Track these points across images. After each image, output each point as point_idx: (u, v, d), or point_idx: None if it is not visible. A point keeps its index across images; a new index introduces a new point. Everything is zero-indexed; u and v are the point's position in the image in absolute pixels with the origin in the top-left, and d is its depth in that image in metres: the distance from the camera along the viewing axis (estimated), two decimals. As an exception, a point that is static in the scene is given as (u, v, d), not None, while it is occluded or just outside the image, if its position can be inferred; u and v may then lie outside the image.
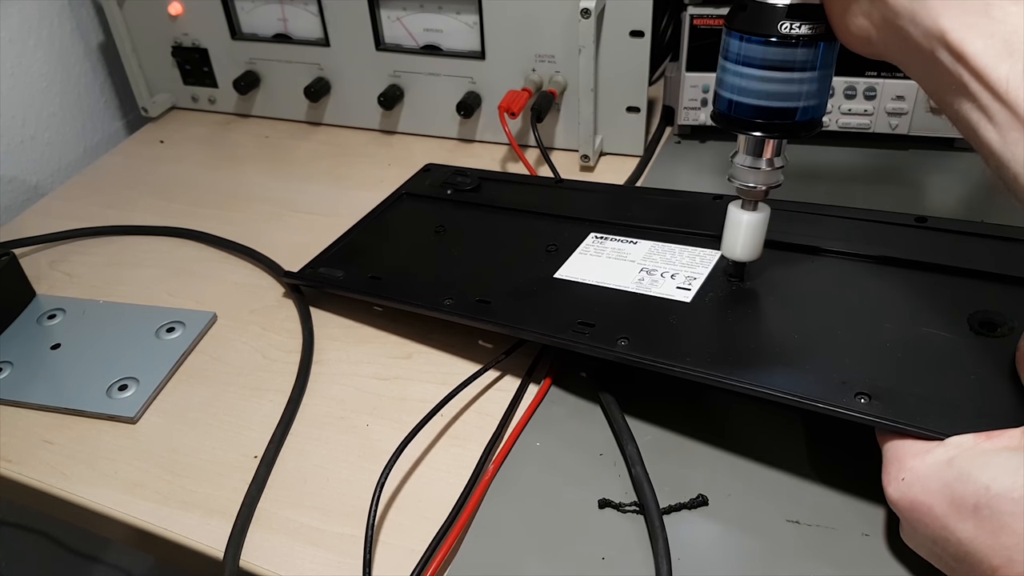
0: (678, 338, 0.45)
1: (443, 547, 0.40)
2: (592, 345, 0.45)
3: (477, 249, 0.57)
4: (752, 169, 0.43)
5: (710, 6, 0.65)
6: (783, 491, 0.42)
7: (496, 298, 0.50)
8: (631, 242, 0.54)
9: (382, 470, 0.42)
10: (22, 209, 0.74)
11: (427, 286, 0.54)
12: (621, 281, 0.50)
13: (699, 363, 0.42)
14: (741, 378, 0.41)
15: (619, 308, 0.48)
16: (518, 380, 0.50)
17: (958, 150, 0.68)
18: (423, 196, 0.65)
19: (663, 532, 0.39)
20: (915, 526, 0.34)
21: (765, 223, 0.45)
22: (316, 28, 0.75)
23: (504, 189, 0.64)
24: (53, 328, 0.57)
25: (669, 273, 0.50)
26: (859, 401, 0.38)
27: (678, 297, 0.48)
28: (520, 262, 0.54)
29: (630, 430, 0.45)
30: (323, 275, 0.57)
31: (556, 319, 0.48)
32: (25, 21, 0.77)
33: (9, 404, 0.51)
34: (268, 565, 0.41)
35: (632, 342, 0.44)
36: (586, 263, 0.53)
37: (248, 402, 0.50)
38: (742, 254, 0.46)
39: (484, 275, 0.54)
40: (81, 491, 0.46)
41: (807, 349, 0.43)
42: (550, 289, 0.51)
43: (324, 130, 0.80)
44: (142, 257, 0.64)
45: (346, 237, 0.61)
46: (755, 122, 0.41)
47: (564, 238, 0.55)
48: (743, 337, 0.45)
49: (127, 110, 0.89)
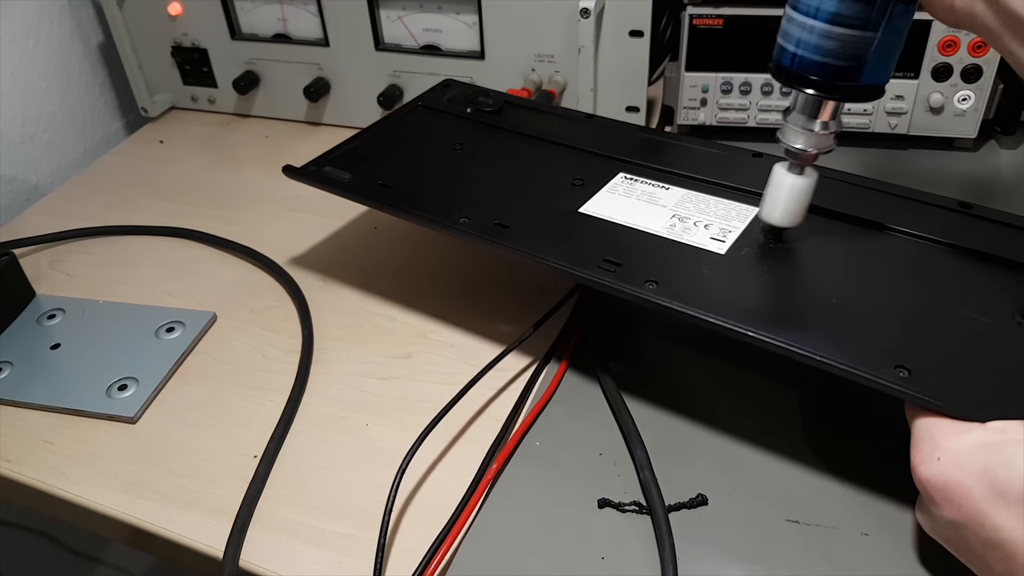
0: (711, 289, 0.43)
1: (443, 547, 0.40)
2: (619, 284, 0.43)
3: (496, 172, 0.54)
4: (804, 131, 0.41)
5: (710, 6, 0.65)
6: (783, 491, 0.42)
7: (516, 224, 0.48)
8: (663, 187, 0.51)
9: (398, 467, 0.42)
10: (22, 209, 0.74)
11: (441, 202, 0.50)
12: (651, 225, 0.48)
13: (733, 316, 0.40)
14: (777, 336, 0.39)
15: (648, 251, 0.46)
16: (522, 382, 0.50)
17: (958, 150, 0.68)
18: (440, 111, 0.62)
19: (670, 537, 0.39)
20: (943, 508, 0.33)
21: (811, 190, 0.43)
22: (316, 28, 0.75)
23: (528, 116, 0.61)
24: (53, 328, 0.57)
25: (703, 223, 0.48)
26: (898, 374, 0.37)
27: (712, 248, 0.46)
28: (542, 192, 0.51)
29: (639, 433, 0.45)
30: (328, 175, 0.54)
31: (580, 254, 0.45)
32: (25, 21, 0.77)
33: (9, 404, 0.51)
34: (268, 565, 0.41)
35: (661, 287, 0.42)
36: (614, 202, 0.50)
37: (248, 402, 0.50)
38: (780, 218, 0.44)
39: (503, 200, 0.51)
40: (81, 491, 0.46)
41: (846, 317, 0.41)
42: (574, 223, 0.48)
43: (324, 130, 0.80)
44: (142, 257, 0.64)
45: (354, 141, 0.58)
46: (816, 80, 0.38)
47: (591, 174, 0.53)
48: (780, 296, 0.43)
49: (127, 110, 0.89)
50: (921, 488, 0.35)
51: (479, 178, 0.53)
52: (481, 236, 0.47)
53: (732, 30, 0.65)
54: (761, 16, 0.64)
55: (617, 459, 0.44)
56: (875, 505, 0.41)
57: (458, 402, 0.46)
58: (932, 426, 0.35)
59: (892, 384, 0.36)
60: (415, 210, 0.50)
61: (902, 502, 0.41)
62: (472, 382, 0.47)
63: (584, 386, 0.49)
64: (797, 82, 0.39)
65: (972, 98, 0.64)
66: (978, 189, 0.64)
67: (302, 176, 0.55)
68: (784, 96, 0.67)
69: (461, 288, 0.58)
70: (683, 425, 0.46)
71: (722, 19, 0.65)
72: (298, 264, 0.61)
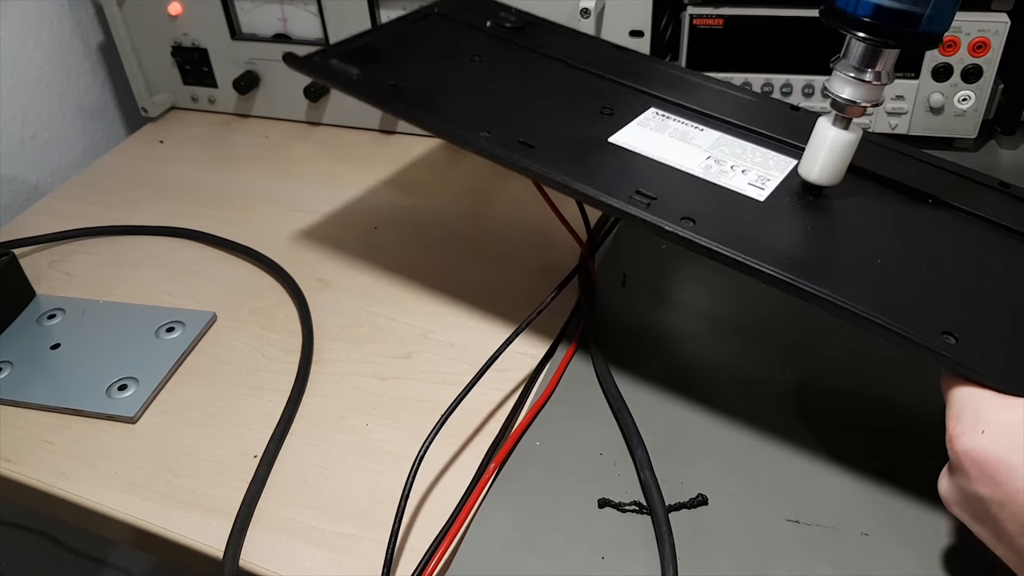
0: (752, 233, 0.40)
1: (443, 546, 0.40)
2: (653, 218, 0.39)
3: (519, 91, 0.50)
4: (856, 80, 0.39)
5: (710, 6, 0.65)
6: (783, 491, 0.42)
7: (541, 145, 0.44)
8: (696, 127, 0.48)
9: (412, 465, 0.42)
10: (22, 209, 0.74)
11: (459, 112, 0.46)
12: (686, 163, 0.45)
13: (777, 264, 0.38)
14: (823, 288, 0.37)
15: (683, 189, 0.42)
16: (521, 383, 0.50)
17: (958, 150, 0.68)
18: (458, 21, 0.57)
19: (670, 537, 0.39)
20: (977, 483, 0.32)
21: (853, 146, 0.40)
22: (316, 28, 0.75)
23: (554, 39, 0.56)
24: (53, 328, 0.57)
25: (740, 168, 0.45)
26: (946, 340, 0.35)
27: (750, 194, 0.43)
28: (569, 116, 0.48)
29: (639, 433, 0.45)
30: (334, 68, 0.49)
31: (611, 183, 0.41)
32: (25, 21, 0.77)
33: (9, 404, 0.51)
34: (268, 565, 0.41)
35: (699, 226, 0.39)
36: (646, 136, 0.47)
37: (248, 402, 0.50)
38: (819, 175, 0.41)
39: (527, 119, 0.47)
40: (81, 491, 0.46)
41: (891, 279, 0.39)
42: (604, 151, 0.45)
43: (324, 130, 0.80)
44: (142, 257, 0.64)
45: (364, 38, 0.53)
46: (872, 23, 0.36)
47: (620, 104, 0.49)
48: (823, 249, 0.41)
49: (127, 110, 0.89)
50: (956, 460, 0.33)
51: (500, 93, 0.49)
52: (505, 153, 0.43)
53: (732, 30, 0.65)
54: (761, 16, 0.64)
55: (617, 459, 0.44)
56: (875, 505, 0.41)
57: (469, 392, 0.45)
58: (975, 398, 0.34)
59: (941, 351, 0.35)
60: (431, 117, 0.45)
61: (902, 502, 0.41)
62: (487, 365, 0.46)
63: (584, 386, 0.49)
64: (851, 25, 0.37)
65: (972, 98, 0.64)
66: (978, 189, 0.64)
67: (306, 68, 0.50)
68: (784, 96, 0.67)
69: (461, 288, 0.58)
70: (683, 425, 0.46)
71: (722, 19, 0.65)
72: (298, 264, 0.61)
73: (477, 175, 0.70)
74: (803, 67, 0.66)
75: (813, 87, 0.66)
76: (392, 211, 0.67)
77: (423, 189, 0.70)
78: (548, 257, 0.60)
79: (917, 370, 0.47)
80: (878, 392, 0.47)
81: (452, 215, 0.66)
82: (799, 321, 0.52)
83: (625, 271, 0.57)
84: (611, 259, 0.59)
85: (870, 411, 0.46)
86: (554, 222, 0.61)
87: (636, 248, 0.60)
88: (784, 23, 0.64)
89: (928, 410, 0.46)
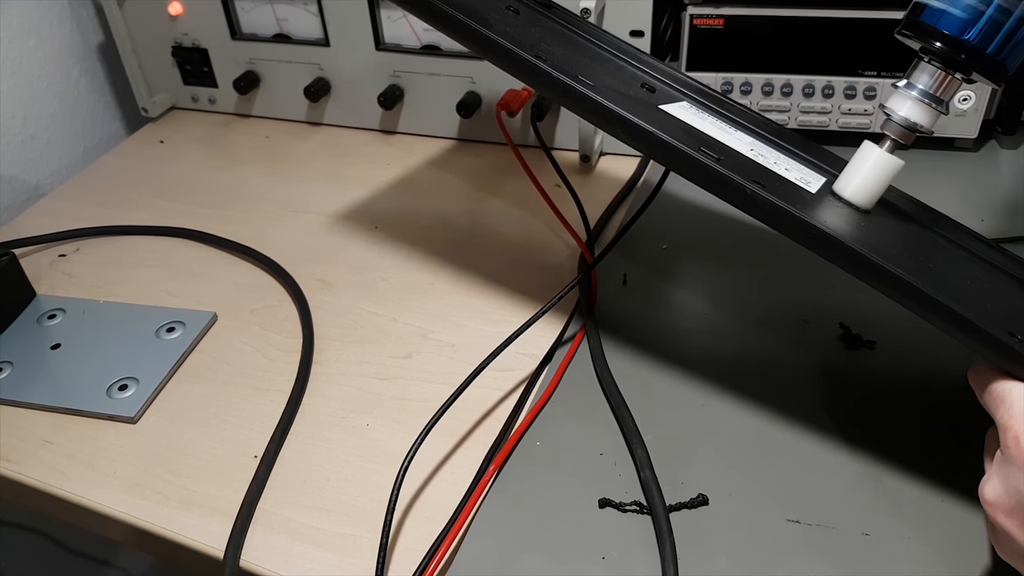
0: (815, 212, 0.38)
1: (443, 546, 0.40)
2: (729, 174, 0.36)
3: (562, 45, 0.47)
4: (917, 101, 0.39)
5: (710, 6, 0.65)
6: (783, 491, 0.42)
7: (598, 86, 0.40)
8: (729, 129, 0.45)
9: (400, 465, 0.42)
10: (22, 209, 0.74)
11: (508, 33, 0.42)
12: (735, 145, 0.43)
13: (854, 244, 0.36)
14: (897, 268, 0.35)
15: (741, 160, 0.41)
16: (522, 383, 0.50)
17: (958, 150, 0.68)
18: None
19: (671, 537, 0.39)
20: None
21: (894, 171, 0.40)
22: (316, 28, 0.75)
23: (575, 19, 0.54)
24: (53, 328, 0.57)
25: (783, 166, 0.43)
26: (1015, 337, 0.34)
27: (802, 184, 0.41)
28: (618, 80, 0.45)
29: (640, 433, 0.45)
30: None
31: (675, 135, 0.39)
32: (25, 21, 0.77)
33: (9, 404, 0.51)
34: (268, 565, 0.41)
35: (769, 190, 0.37)
36: (691, 115, 0.45)
37: (248, 402, 0.50)
38: (854, 193, 0.40)
39: (578, 64, 0.44)
40: (81, 491, 0.46)
41: (947, 281, 0.38)
42: (660, 113, 0.42)
43: (324, 130, 0.80)
44: (142, 257, 0.64)
45: None
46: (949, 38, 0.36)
47: (657, 87, 0.47)
48: (882, 242, 0.39)
49: (127, 110, 0.89)
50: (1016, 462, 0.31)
51: (545, 39, 0.45)
52: (567, 76, 0.39)
53: (732, 30, 0.65)
54: (761, 16, 0.64)
55: (617, 459, 0.44)
56: (875, 505, 0.41)
57: (462, 394, 0.45)
58: None
59: (1015, 347, 0.33)
60: (482, 26, 0.40)
61: (902, 503, 0.41)
62: (485, 362, 0.46)
63: (584, 386, 0.49)
64: (928, 36, 0.38)
65: (973, 98, 0.64)
66: (978, 189, 0.64)
67: None
68: (785, 96, 0.67)
69: (461, 288, 0.58)
70: (683, 425, 0.46)
71: (722, 19, 0.65)
72: (298, 264, 0.61)
73: (477, 175, 0.71)
74: (803, 67, 0.66)
75: (813, 87, 0.66)
76: (392, 211, 0.67)
77: (423, 189, 0.70)
78: (548, 257, 0.60)
79: (914, 370, 0.47)
80: (878, 392, 0.47)
81: (452, 215, 0.66)
82: (799, 321, 0.52)
83: (625, 271, 0.57)
84: (611, 259, 0.59)
85: (870, 411, 0.46)
86: (554, 222, 0.61)
87: (636, 248, 0.60)
88: (785, 23, 0.64)
89: (928, 410, 0.46)
